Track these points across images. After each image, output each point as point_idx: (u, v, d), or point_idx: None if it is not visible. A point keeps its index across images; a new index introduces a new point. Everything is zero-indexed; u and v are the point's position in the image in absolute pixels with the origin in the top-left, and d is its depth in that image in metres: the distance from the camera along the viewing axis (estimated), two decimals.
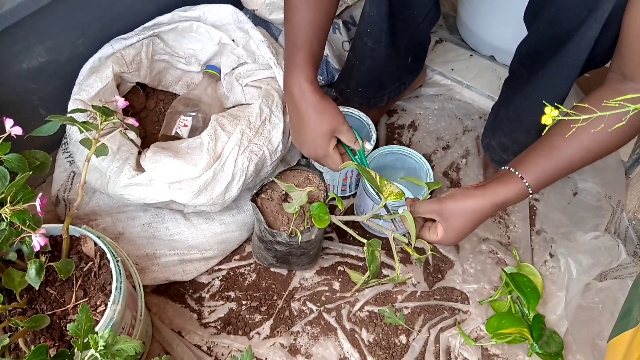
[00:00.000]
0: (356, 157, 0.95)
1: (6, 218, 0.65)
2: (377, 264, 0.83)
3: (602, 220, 1.16)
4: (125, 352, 0.63)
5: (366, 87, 1.14)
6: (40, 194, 0.69)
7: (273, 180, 0.95)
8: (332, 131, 0.89)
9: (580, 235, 1.14)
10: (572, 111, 0.54)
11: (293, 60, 0.86)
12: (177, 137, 1.04)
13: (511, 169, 0.81)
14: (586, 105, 0.70)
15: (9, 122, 0.70)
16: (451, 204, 0.81)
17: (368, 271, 0.82)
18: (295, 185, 0.95)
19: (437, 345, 1.01)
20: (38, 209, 0.67)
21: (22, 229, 0.67)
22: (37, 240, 0.67)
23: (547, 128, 0.61)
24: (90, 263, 0.81)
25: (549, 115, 0.52)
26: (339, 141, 0.92)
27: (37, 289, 0.72)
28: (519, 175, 0.79)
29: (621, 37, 0.75)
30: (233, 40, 1.08)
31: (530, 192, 0.79)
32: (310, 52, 0.86)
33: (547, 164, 0.79)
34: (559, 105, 0.53)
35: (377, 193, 0.87)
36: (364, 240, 0.84)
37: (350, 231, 0.87)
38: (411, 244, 0.84)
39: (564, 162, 0.78)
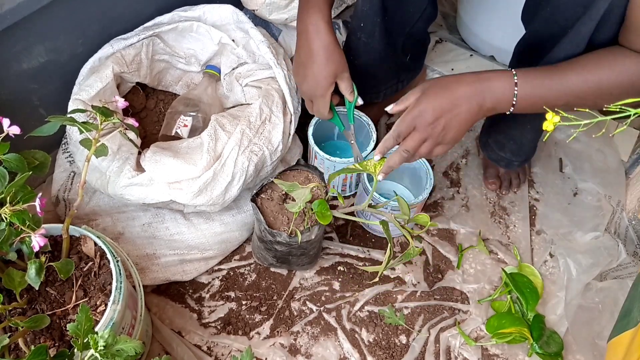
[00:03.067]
0: (340, 118, 1.05)
1: (6, 218, 0.65)
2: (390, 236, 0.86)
3: (602, 221, 1.16)
4: (125, 352, 0.63)
5: (361, 83, 1.15)
6: (40, 194, 0.69)
7: (273, 180, 0.95)
8: (336, 75, 0.94)
9: (580, 235, 1.14)
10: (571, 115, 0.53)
11: None
12: (177, 137, 1.04)
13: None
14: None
15: (6, 122, 0.70)
16: (432, 79, 0.83)
17: (389, 246, 0.83)
18: None
19: (437, 345, 1.01)
20: (38, 209, 0.67)
21: (21, 229, 0.67)
22: (37, 241, 0.67)
23: (548, 134, 0.61)
24: (90, 263, 0.81)
25: (550, 121, 0.52)
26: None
27: (37, 289, 0.72)
28: (508, 68, 0.81)
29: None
30: (233, 40, 1.08)
31: (516, 81, 0.78)
32: None
33: (542, 70, 0.80)
34: (560, 111, 0.53)
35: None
36: (379, 220, 0.85)
37: (354, 218, 0.89)
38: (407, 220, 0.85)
39: (560, 76, 0.78)
